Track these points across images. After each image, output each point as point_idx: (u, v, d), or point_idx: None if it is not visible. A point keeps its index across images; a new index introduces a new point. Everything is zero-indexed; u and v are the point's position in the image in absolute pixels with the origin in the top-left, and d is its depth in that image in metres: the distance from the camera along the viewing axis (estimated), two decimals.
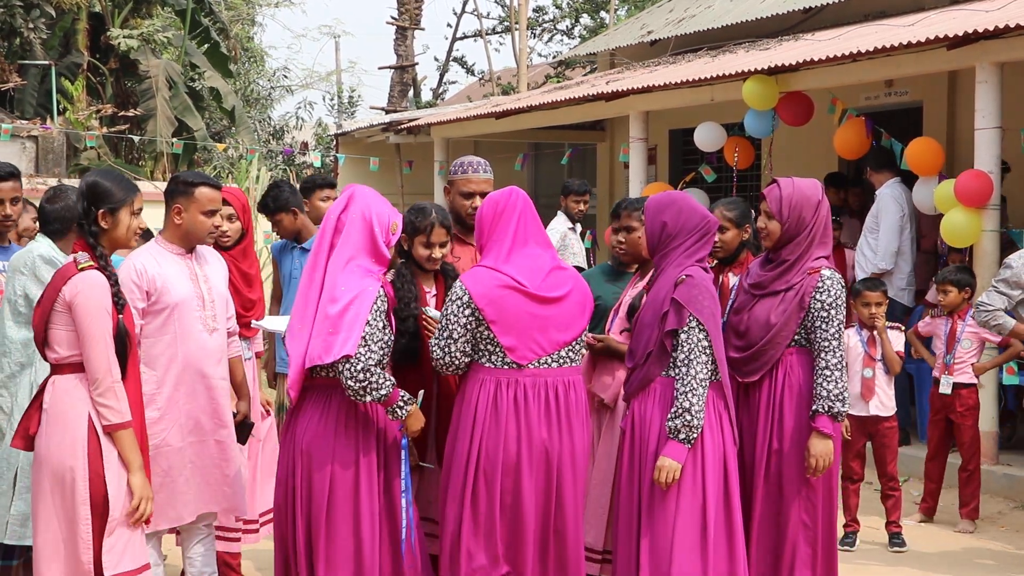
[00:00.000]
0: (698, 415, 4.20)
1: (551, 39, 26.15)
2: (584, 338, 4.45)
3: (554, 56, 25.06)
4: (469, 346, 4.30)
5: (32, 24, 19.72)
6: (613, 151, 14.24)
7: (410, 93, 25.29)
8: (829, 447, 4.45)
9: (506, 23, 24.97)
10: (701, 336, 4.25)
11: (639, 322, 4.42)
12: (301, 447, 4.26)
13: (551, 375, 4.30)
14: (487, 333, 4.27)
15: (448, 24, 30.09)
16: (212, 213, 4.73)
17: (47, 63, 19.77)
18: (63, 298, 3.93)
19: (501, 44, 52.78)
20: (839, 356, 4.47)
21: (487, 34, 25.10)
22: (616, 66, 14.13)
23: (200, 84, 21.67)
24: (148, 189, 4.41)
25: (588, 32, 24.31)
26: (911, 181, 8.65)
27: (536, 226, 4.42)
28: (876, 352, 6.56)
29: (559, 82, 20.24)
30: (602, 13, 24.06)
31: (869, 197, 9.55)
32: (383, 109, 22.53)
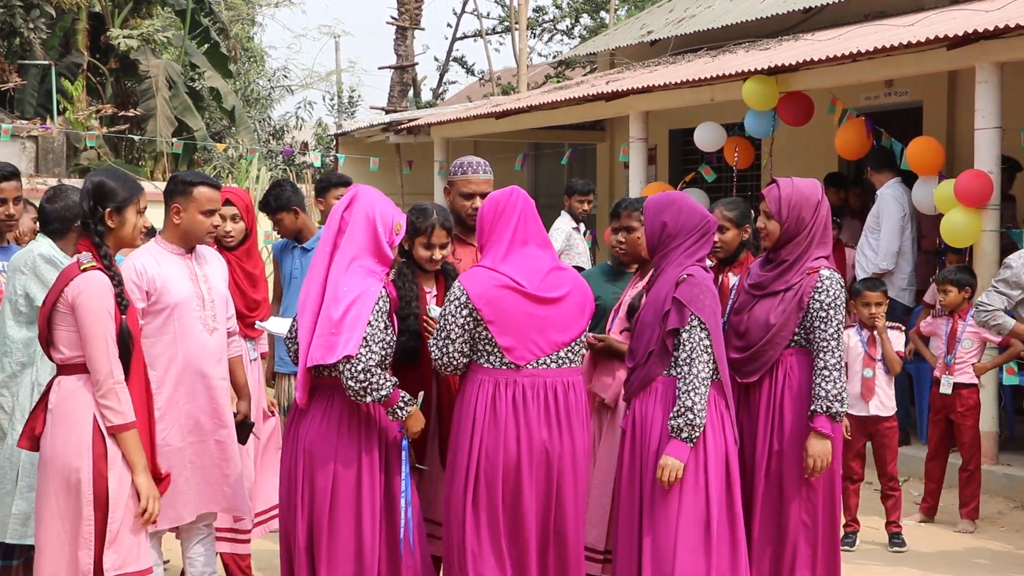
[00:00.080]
0: (700, 414, 4.20)
1: (551, 39, 26.16)
2: (584, 338, 4.44)
3: (554, 56, 25.06)
4: (467, 346, 4.29)
5: (32, 24, 19.73)
6: (613, 151, 14.24)
7: (410, 93, 25.29)
8: (827, 447, 4.45)
9: (506, 23, 24.96)
10: (703, 335, 4.25)
11: (640, 322, 4.41)
12: (304, 446, 4.27)
13: (550, 375, 4.29)
14: (485, 333, 4.26)
15: (448, 24, 30.09)
16: (211, 213, 4.73)
17: (47, 63, 19.77)
18: (66, 299, 3.93)
19: (501, 44, 52.80)
20: (838, 356, 4.47)
21: (487, 34, 25.11)
22: (616, 66, 14.13)
23: (200, 84, 21.67)
24: (148, 189, 4.39)
25: (588, 32, 24.30)
26: (911, 181, 8.65)
27: (536, 226, 4.41)
28: (876, 352, 6.56)
29: (559, 82, 20.24)
30: (602, 13, 24.06)
31: (869, 197, 9.55)
32: (383, 109, 22.53)
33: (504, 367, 4.27)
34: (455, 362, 4.31)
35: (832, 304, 4.48)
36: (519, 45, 19.96)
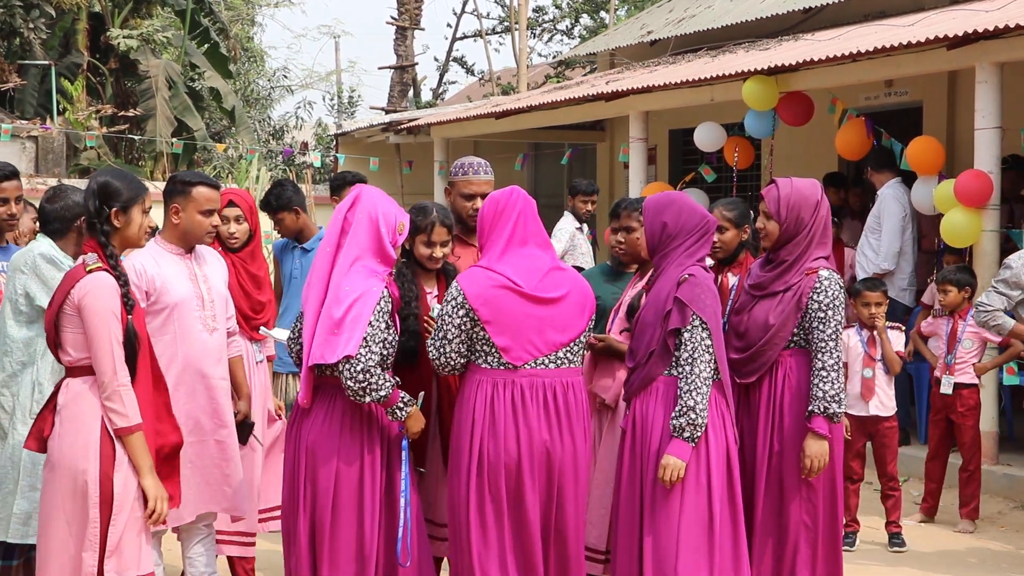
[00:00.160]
0: (702, 414, 4.20)
1: (551, 39, 26.17)
2: (583, 339, 4.41)
3: (554, 56, 25.07)
4: (464, 347, 4.29)
5: (32, 24, 19.74)
6: (613, 151, 14.24)
7: (410, 93, 25.30)
8: (824, 448, 4.45)
9: (506, 23, 24.97)
10: (704, 335, 4.25)
11: (640, 321, 4.41)
12: (306, 445, 4.27)
13: (549, 376, 4.28)
14: (482, 334, 4.26)
15: (448, 24, 30.11)
16: (210, 212, 4.73)
17: (47, 63, 19.79)
18: (72, 301, 3.91)
19: (501, 44, 52.81)
20: (836, 357, 4.47)
21: (487, 34, 25.11)
22: (616, 66, 14.13)
23: (200, 84, 21.68)
24: (149, 189, 4.45)
25: (588, 32, 24.31)
26: (911, 181, 8.65)
27: (536, 226, 4.40)
28: (876, 352, 6.56)
29: (559, 82, 20.25)
30: (602, 13, 24.06)
31: (869, 197, 9.55)
32: (383, 109, 22.55)
33: (501, 367, 4.26)
34: (452, 362, 4.31)
35: (830, 305, 4.48)
36: (519, 45, 19.97)
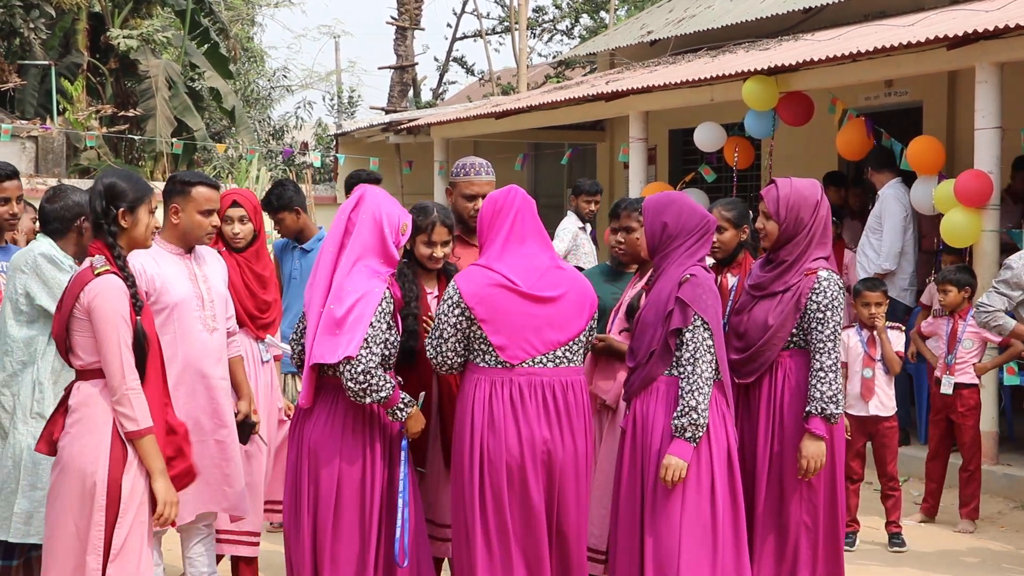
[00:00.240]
0: (704, 414, 4.19)
1: (551, 39, 26.17)
2: (583, 338, 4.39)
3: (554, 56, 25.07)
4: (461, 346, 4.28)
5: (32, 24, 19.73)
6: (613, 151, 14.24)
7: (410, 93, 25.30)
8: (821, 449, 4.45)
9: (506, 23, 24.97)
10: (706, 335, 4.24)
11: (641, 321, 4.40)
12: (309, 445, 4.27)
13: (547, 375, 4.27)
14: (479, 332, 4.25)
15: (448, 24, 30.11)
16: (210, 212, 4.73)
17: (47, 63, 19.78)
18: (82, 304, 3.89)
19: (501, 44, 52.81)
20: (834, 358, 4.46)
21: (487, 34, 25.12)
22: (616, 66, 14.13)
23: (200, 84, 21.67)
24: None
25: (588, 32, 24.31)
26: (911, 181, 8.64)
27: (534, 225, 4.39)
28: (876, 352, 6.56)
29: (559, 82, 20.25)
30: (602, 13, 24.06)
31: (869, 197, 9.54)
32: (383, 109, 22.55)
33: (499, 366, 4.25)
34: (449, 361, 4.30)
35: (829, 305, 4.47)
36: (519, 45, 19.97)
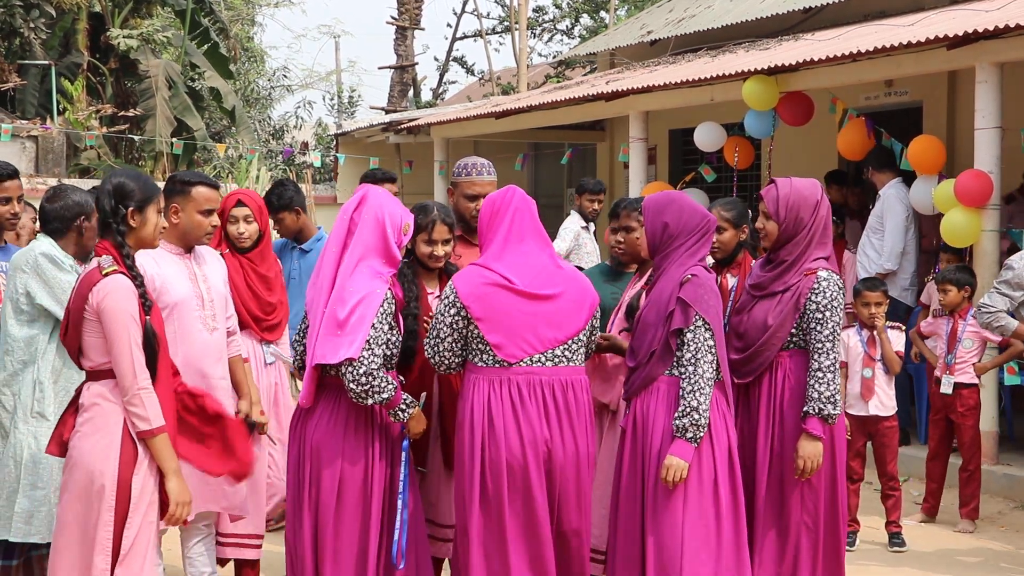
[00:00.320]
0: (705, 414, 4.19)
1: (551, 39, 26.18)
2: (584, 337, 4.37)
3: (554, 56, 25.07)
4: (458, 345, 4.28)
5: (32, 24, 19.73)
6: (613, 151, 14.24)
7: (410, 93, 25.30)
8: (818, 449, 4.44)
9: (506, 23, 24.97)
10: (707, 335, 4.24)
11: (641, 321, 4.40)
12: (311, 445, 4.27)
13: (546, 374, 4.26)
14: (476, 331, 4.24)
15: (448, 24, 30.11)
16: (209, 212, 4.74)
17: (47, 63, 19.78)
18: (91, 305, 3.87)
19: (501, 44, 52.85)
20: (832, 358, 4.46)
21: (487, 34, 25.11)
22: (616, 66, 14.13)
23: (200, 84, 21.68)
24: None
25: (588, 32, 24.32)
26: (911, 181, 8.64)
27: (533, 224, 4.38)
28: (876, 352, 6.56)
29: (559, 82, 20.24)
30: (602, 13, 24.07)
31: (869, 197, 9.54)
32: (383, 109, 22.55)
33: (496, 365, 4.24)
34: (447, 361, 4.30)
35: (828, 306, 4.47)
36: (519, 45, 19.97)
